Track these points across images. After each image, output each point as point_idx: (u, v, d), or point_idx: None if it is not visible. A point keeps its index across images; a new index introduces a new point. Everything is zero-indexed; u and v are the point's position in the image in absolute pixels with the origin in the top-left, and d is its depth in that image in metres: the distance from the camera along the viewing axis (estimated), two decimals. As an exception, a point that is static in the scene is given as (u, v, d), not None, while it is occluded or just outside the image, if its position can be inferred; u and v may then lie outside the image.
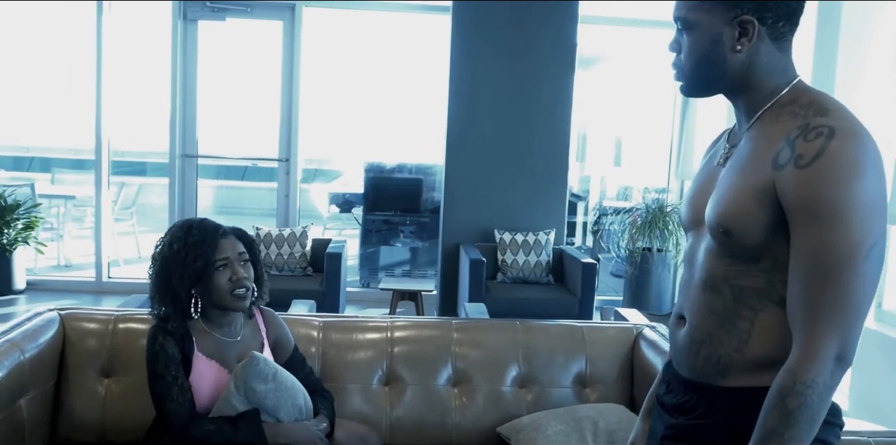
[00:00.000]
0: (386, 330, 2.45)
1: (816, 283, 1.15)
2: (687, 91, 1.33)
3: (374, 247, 6.46)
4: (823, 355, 1.14)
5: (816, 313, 1.15)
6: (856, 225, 1.13)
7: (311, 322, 2.46)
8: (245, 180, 9.60)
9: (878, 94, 3.72)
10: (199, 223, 2.00)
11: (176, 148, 5.96)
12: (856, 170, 1.14)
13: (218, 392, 1.96)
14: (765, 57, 1.24)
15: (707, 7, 1.23)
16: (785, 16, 1.23)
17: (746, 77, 1.26)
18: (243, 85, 6.41)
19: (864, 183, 1.14)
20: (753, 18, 1.21)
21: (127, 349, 2.30)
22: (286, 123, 5.99)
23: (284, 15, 5.95)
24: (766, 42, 1.23)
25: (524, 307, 4.56)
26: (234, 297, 1.97)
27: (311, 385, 2.13)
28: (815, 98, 1.24)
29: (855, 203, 1.13)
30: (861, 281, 1.14)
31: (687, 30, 1.26)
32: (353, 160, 7.09)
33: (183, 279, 1.95)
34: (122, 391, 2.28)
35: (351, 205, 6.94)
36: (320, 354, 2.37)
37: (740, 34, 1.22)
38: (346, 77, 6.71)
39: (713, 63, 1.25)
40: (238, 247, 2.00)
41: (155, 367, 1.95)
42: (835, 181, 1.13)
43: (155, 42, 6.02)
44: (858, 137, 1.16)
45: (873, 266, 1.15)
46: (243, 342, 2.07)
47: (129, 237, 7.19)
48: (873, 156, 1.16)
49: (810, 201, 1.15)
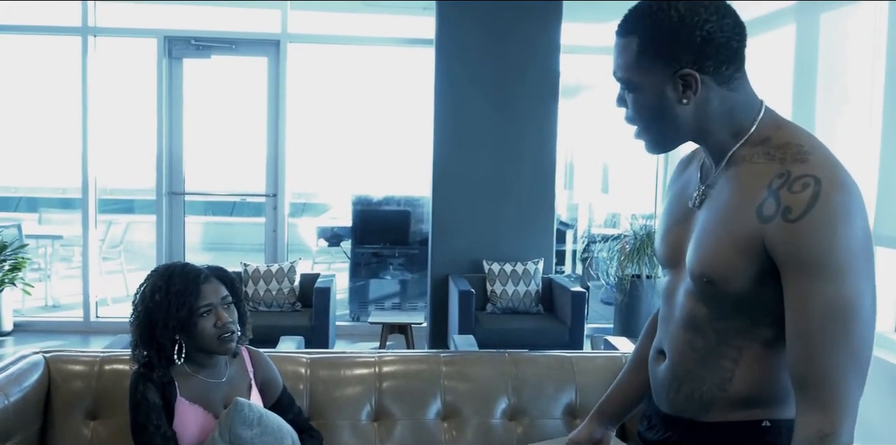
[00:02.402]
0: (374, 366, 2.43)
1: (830, 340, 1.12)
2: (652, 149, 1.30)
3: (363, 281, 6.45)
4: (852, 418, 1.13)
5: (837, 370, 1.12)
6: (856, 276, 1.11)
7: (298, 359, 2.45)
8: (234, 216, 9.60)
9: (859, 101, 3.77)
10: (181, 269, 1.97)
11: (162, 185, 5.97)
12: (847, 219, 1.12)
13: (203, 436, 1.94)
14: (717, 102, 1.21)
15: (646, 66, 1.20)
16: (727, 60, 1.19)
17: (703, 125, 1.23)
18: (229, 121, 6.44)
19: (855, 231, 1.12)
20: (693, 71, 1.18)
21: (113, 391, 2.28)
22: (273, 158, 6.01)
23: (269, 51, 6.01)
24: (715, 88, 1.20)
25: (514, 337, 4.54)
26: (220, 342, 1.96)
27: (299, 424, 2.11)
28: (790, 137, 1.21)
29: (851, 253, 1.11)
30: (869, 334, 1.13)
31: (630, 90, 1.24)
32: (341, 193, 7.11)
33: (167, 328, 1.93)
34: (109, 433, 2.25)
35: (339, 238, 6.94)
36: (308, 391, 2.35)
37: (684, 87, 1.20)
38: (331, 111, 6.75)
39: (664, 118, 1.23)
40: (220, 291, 1.98)
41: (137, 417, 1.93)
42: (829, 234, 1.11)
43: (140, 80, 6.07)
44: (844, 185, 1.14)
45: (875, 311, 1.14)
46: (229, 383, 2.05)
47: (118, 275, 7.15)
48: (859, 203, 1.15)
49: (808, 256, 1.12)
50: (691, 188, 1.33)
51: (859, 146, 3.70)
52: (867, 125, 3.63)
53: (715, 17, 1.17)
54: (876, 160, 3.53)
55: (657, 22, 1.18)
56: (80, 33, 5.83)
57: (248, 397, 2.05)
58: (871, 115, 3.58)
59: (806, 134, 1.24)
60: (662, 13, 1.17)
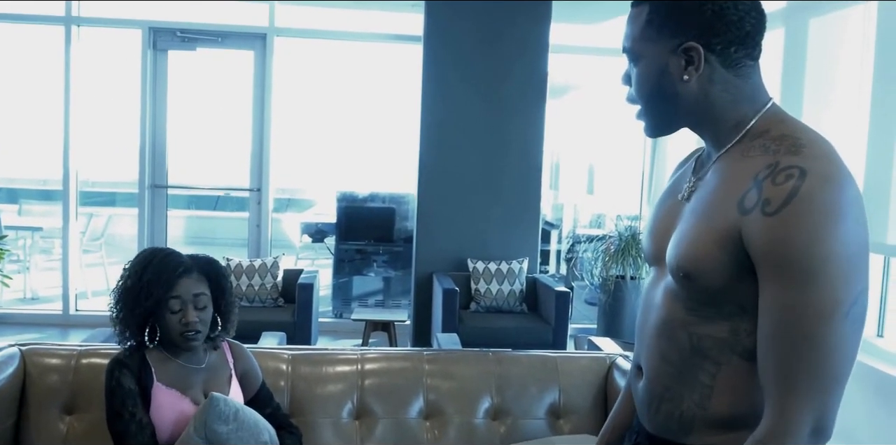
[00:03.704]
0: (357, 363, 2.41)
1: (790, 347, 1.04)
2: (650, 131, 1.25)
3: (346, 277, 6.41)
4: (797, 429, 1.04)
5: (790, 380, 1.05)
6: (833, 282, 1.02)
7: (280, 355, 2.42)
8: (217, 210, 9.53)
9: (846, 105, 3.78)
10: (161, 259, 1.93)
11: (145, 178, 5.90)
12: (831, 217, 1.02)
13: (181, 422, 1.90)
14: (720, 86, 1.16)
15: (651, 36, 1.16)
16: (736, 41, 1.14)
17: (704, 109, 1.18)
18: (214, 115, 6.38)
19: (840, 232, 1.02)
20: (698, 45, 1.13)
21: (90, 385, 2.24)
22: (257, 153, 5.96)
23: (255, 45, 5.95)
24: (720, 70, 1.15)
25: (498, 336, 4.53)
26: (183, 338, 1.93)
27: (278, 420, 2.08)
28: (790, 130, 1.14)
29: (831, 256, 1.02)
30: (841, 345, 1.03)
31: (634, 61, 1.20)
32: (326, 189, 7.07)
33: (133, 315, 1.92)
34: (85, 429, 2.21)
35: (323, 234, 6.90)
36: (289, 388, 2.32)
37: (687, 63, 1.15)
38: (317, 107, 6.71)
39: (664, 95, 1.18)
40: (196, 288, 1.93)
41: (112, 404, 1.90)
42: (806, 231, 1.02)
43: (124, 71, 6.00)
44: (833, 180, 1.05)
45: (855, 325, 1.04)
46: (209, 370, 2.02)
47: (98, 268, 7.07)
48: (852, 201, 1.05)
49: (780, 254, 1.04)
50: (684, 181, 1.28)
51: (845, 151, 3.70)
52: (853, 130, 3.64)
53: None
54: (862, 166, 3.54)
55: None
56: (63, 23, 5.74)
57: (229, 387, 2.02)
58: (858, 120, 3.60)
59: (808, 129, 1.16)
60: None
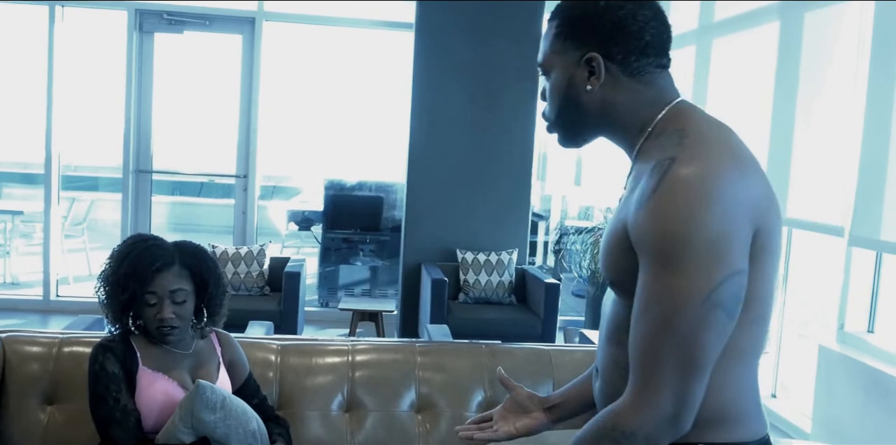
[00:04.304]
0: (347, 354, 2.35)
1: (651, 330, 1.06)
2: (562, 141, 1.29)
3: (333, 266, 6.35)
4: (653, 410, 1.06)
5: (650, 363, 1.06)
6: (694, 267, 1.03)
7: (268, 345, 2.36)
8: (201, 196, 9.43)
9: (840, 100, 3.75)
10: (140, 252, 1.86)
11: (129, 163, 5.80)
12: (692, 203, 1.04)
13: (168, 406, 1.85)
14: (624, 94, 1.20)
15: (559, 49, 1.22)
16: (637, 50, 1.18)
17: (610, 117, 1.21)
18: (201, 99, 6.28)
19: (705, 217, 1.03)
20: (599, 55, 1.18)
21: (72, 374, 2.17)
22: (244, 139, 5.88)
23: (244, 29, 5.86)
24: (622, 78, 1.19)
25: (486, 327, 4.49)
26: (158, 333, 1.88)
27: (264, 412, 2.03)
28: (682, 124, 1.16)
29: (691, 241, 1.03)
30: (701, 331, 1.04)
31: (547, 75, 1.25)
32: (313, 177, 6.98)
33: (115, 303, 1.87)
34: (67, 419, 2.14)
35: (310, 222, 6.82)
36: (278, 379, 2.26)
37: (589, 73, 1.19)
38: (306, 93, 6.62)
39: (571, 106, 1.22)
40: (174, 283, 1.85)
41: (95, 388, 1.84)
42: (667, 218, 1.04)
43: (109, 53, 5.88)
44: (702, 166, 1.06)
45: (717, 312, 1.04)
46: (196, 355, 1.97)
47: (80, 254, 6.97)
48: (721, 186, 1.05)
49: (644, 241, 1.07)
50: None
51: (840, 147, 3.68)
52: (848, 125, 3.61)
53: (631, 5, 1.18)
54: (856, 161, 3.51)
55: (574, 4, 1.21)
56: (47, 2, 5.62)
57: (217, 375, 1.98)
58: (852, 115, 3.57)
59: (703, 120, 1.18)
60: (581, 2, 1.20)
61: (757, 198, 1.09)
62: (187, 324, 1.92)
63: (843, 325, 3.60)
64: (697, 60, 5.30)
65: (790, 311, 4.18)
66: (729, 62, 4.91)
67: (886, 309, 3.56)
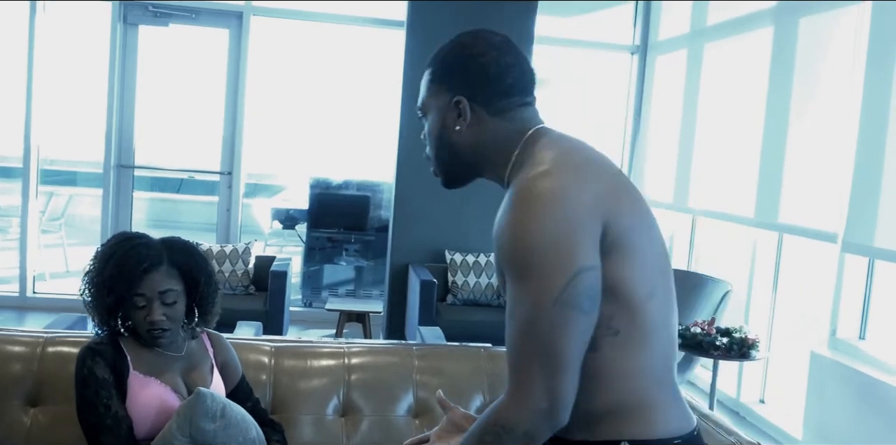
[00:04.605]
0: (342, 356, 2.29)
1: (516, 334, 1.15)
2: (443, 182, 1.40)
3: (317, 266, 6.27)
4: (528, 407, 1.14)
5: (519, 363, 1.15)
6: (541, 272, 1.12)
7: (260, 346, 2.28)
8: (181, 193, 9.29)
9: (835, 107, 3.74)
10: (125, 252, 1.76)
11: (111, 157, 5.68)
12: (531, 212, 1.14)
13: (162, 412, 1.77)
14: (491, 132, 1.29)
15: (433, 93, 1.33)
16: (500, 92, 1.28)
17: (480, 154, 1.31)
18: (185, 94, 6.17)
19: (543, 223, 1.13)
20: (464, 98, 1.28)
21: (57, 375, 2.09)
22: (230, 135, 5.78)
23: (231, 23, 5.76)
24: (487, 118, 1.29)
25: (476, 330, 4.42)
26: (149, 336, 1.79)
27: (258, 416, 1.96)
28: (533, 150, 1.26)
29: (535, 247, 1.13)
30: (558, 330, 1.12)
31: (424, 118, 1.36)
32: (298, 175, 6.89)
33: (102, 305, 1.79)
34: (51, 421, 2.06)
35: (294, 221, 6.73)
36: (271, 382, 2.19)
37: (458, 115, 1.29)
38: (293, 89, 6.53)
39: (444, 147, 1.33)
40: (163, 284, 1.77)
41: (84, 394, 1.75)
42: (512, 230, 1.15)
43: (92, 46, 5.76)
44: (538, 180, 1.17)
45: (570, 310, 1.12)
46: (189, 358, 1.89)
47: (57, 250, 6.83)
48: (556, 193, 1.15)
49: (500, 254, 1.19)
50: None
51: (834, 153, 3.67)
52: (842, 131, 3.60)
53: (495, 52, 1.29)
54: (850, 168, 3.50)
55: (445, 52, 1.33)
56: (29, -8, 5.49)
57: (211, 378, 1.90)
58: (847, 122, 3.56)
59: (546, 141, 1.27)
60: (451, 45, 1.33)
61: (599, 196, 1.18)
62: (179, 326, 1.85)
63: (835, 331, 3.59)
64: (689, 65, 5.29)
65: (781, 317, 4.17)
66: (721, 66, 4.90)
67: (878, 316, 3.55)
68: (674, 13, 5.67)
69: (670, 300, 1.28)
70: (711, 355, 3.29)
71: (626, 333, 1.19)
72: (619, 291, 1.18)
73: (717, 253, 5.13)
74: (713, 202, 4.79)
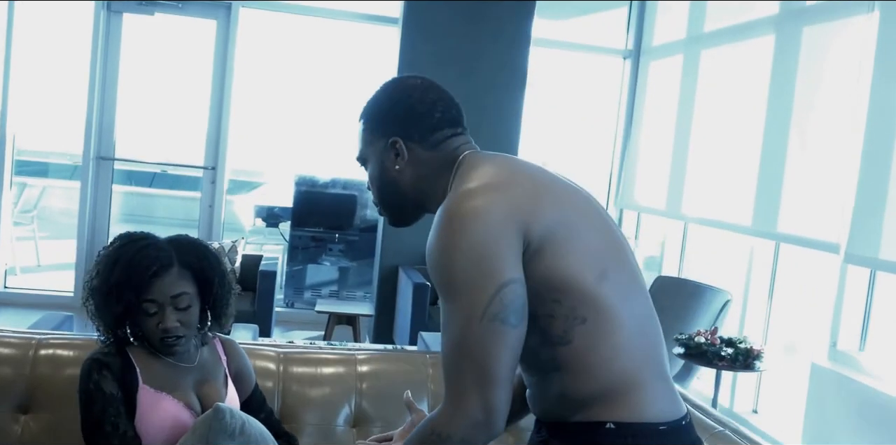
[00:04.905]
0: (353, 364, 2.19)
1: (448, 349, 1.20)
2: (391, 221, 1.46)
3: (300, 265, 6.13)
4: (463, 417, 1.18)
5: (453, 377, 1.20)
6: (465, 289, 1.17)
7: (266, 352, 2.17)
8: (154, 187, 9.08)
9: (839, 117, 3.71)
10: (131, 256, 1.63)
11: (91, 149, 5.50)
12: (449, 235, 1.19)
13: (173, 431, 1.64)
14: (427, 166, 1.36)
15: (369, 140, 1.40)
16: (430, 127, 1.36)
17: (422, 189, 1.37)
18: (170, 86, 6.00)
19: (461, 244, 1.18)
20: (399, 139, 1.35)
21: (50, 380, 1.96)
22: (214, 129, 5.63)
23: (219, 14, 5.61)
24: (422, 153, 1.36)
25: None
26: (163, 345, 1.66)
27: (272, 427, 1.84)
28: (460, 173, 1.32)
29: (456, 268, 1.18)
30: (486, 345, 1.16)
31: (365, 166, 1.43)
32: (284, 172, 6.74)
33: (108, 314, 1.66)
34: (43, 429, 1.93)
35: (278, 219, 6.58)
36: (280, 390, 2.09)
37: (395, 155, 1.36)
38: (281, 84, 6.38)
39: (388, 188, 1.39)
40: (175, 288, 1.65)
41: (91, 412, 1.61)
42: (434, 253, 1.21)
43: (74, 33, 5.57)
44: (454, 201, 1.23)
45: (497, 324, 1.16)
46: (201, 369, 1.76)
47: (29, 243, 6.62)
48: (471, 212, 1.19)
49: (431, 277, 1.24)
50: None
51: (837, 161, 3.64)
52: (846, 141, 3.57)
53: (419, 92, 1.37)
54: (854, 177, 3.47)
55: (374, 101, 1.41)
56: (9, -24, 5.30)
57: (226, 390, 1.78)
58: (853, 131, 3.53)
59: (468, 163, 1.33)
60: (378, 94, 1.41)
61: (516, 206, 1.22)
62: (193, 332, 1.72)
63: (835, 343, 3.56)
64: (684, 71, 5.25)
65: (776, 327, 4.14)
66: (719, 73, 4.87)
67: (878, 328, 3.53)
68: (668, 19, 5.63)
69: (629, 275, 1.31)
70: (715, 365, 3.24)
71: (592, 319, 1.22)
72: (569, 281, 1.22)
73: (712, 261, 5.10)
74: (708, 209, 4.75)
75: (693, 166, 4.98)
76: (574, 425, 1.27)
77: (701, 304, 3.88)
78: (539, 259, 1.21)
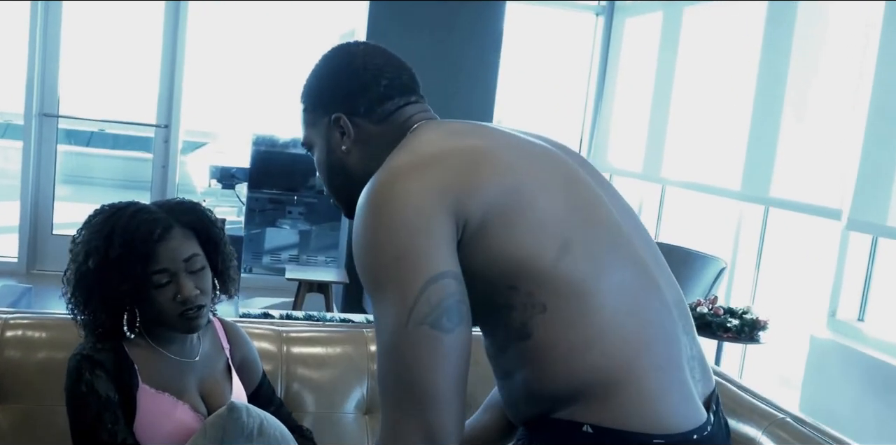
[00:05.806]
0: (364, 342, 1.96)
1: (379, 364, 1.03)
2: (346, 211, 1.22)
3: (258, 229, 5.83)
4: (403, 442, 0.99)
5: (387, 397, 1.02)
6: (388, 289, 0.99)
7: (263, 331, 1.93)
8: (91, 146, 8.60)
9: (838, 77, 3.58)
10: (127, 222, 1.40)
11: (33, 105, 5.06)
12: (369, 228, 1.02)
13: (178, 438, 1.41)
14: (379, 142, 1.18)
15: (310, 122, 1.23)
16: (378, 98, 1.19)
17: (373, 169, 1.12)
18: (118, 40, 5.56)
19: (380, 238, 1.01)
20: (342, 114, 1.18)
21: (21, 365, 1.70)
22: (167, 86, 5.24)
23: (173, -39, 5.19)
24: (370, 127, 1.19)
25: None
26: (182, 320, 1.43)
27: (284, 421, 1.61)
28: (400, 146, 1.15)
29: (376, 265, 1.01)
30: (418, 360, 0.97)
31: (311, 151, 1.25)
32: (240, 131, 6.37)
33: (105, 304, 1.41)
34: (14, 423, 1.67)
35: (234, 180, 6.24)
36: (283, 374, 1.86)
37: (341, 134, 1.19)
38: (239, 40, 5.99)
39: (338, 172, 1.21)
40: (185, 250, 1.43)
41: (83, 417, 1.37)
42: (356, 250, 1.04)
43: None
44: (374, 186, 1.05)
45: (425, 329, 0.97)
46: (205, 363, 1.54)
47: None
48: (391, 202, 1.02)
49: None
50: None
51: (839, 126, 3.52)
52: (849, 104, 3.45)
53: (360, 60, 1.20)
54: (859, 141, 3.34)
55: (311, 76, 1.24)
56: None
57: (230, 385, 1.55)
58: (857, 93, 3.40)
59: (416, 134, 1.15)
60: (316, 67, 1.24)
61: (447, 184, 1.03)
62: (210, 303, 1.49)
63: (834, 312, 3.47)
64: (664, 29, 5.07)
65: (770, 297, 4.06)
66: (704, 31, 4.69)
67: (878, 297, 3.45)
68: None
69: (609, 238, 1.09)
70: (719, 337, 3.11)
71: (553, 305, 1.02)
72: (522, 262, 1.02)
73: (692, 227, 4.99)
74: (691, 173, 4.62)
75: (674, 128, 4.82)
76: (553, 422, 1.05)
77: (692, 272, 3.75)
78: (482, 239, 1.02)
